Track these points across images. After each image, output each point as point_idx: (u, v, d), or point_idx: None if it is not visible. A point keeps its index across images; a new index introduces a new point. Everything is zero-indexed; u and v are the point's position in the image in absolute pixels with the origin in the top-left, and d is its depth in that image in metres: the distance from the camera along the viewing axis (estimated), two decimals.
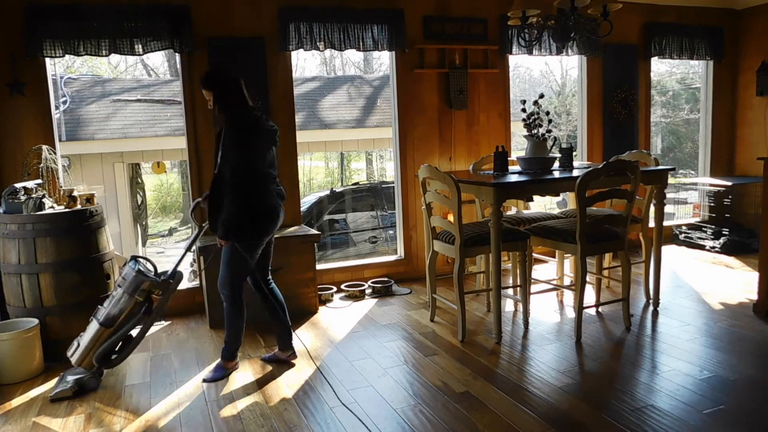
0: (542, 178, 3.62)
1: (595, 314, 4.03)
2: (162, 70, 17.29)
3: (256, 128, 3.03)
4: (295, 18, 4.44)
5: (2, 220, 3.49)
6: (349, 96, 10.08)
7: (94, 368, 3.15)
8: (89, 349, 3.11)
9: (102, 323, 3.09)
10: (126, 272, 3.10)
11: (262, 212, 3.07)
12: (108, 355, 3.14)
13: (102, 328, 3.09)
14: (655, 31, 5.74)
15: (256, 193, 3.04)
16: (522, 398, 2.84)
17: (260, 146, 3.03)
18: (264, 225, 3.10)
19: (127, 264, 3.14)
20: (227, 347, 3.27)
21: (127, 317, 3.12)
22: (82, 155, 8.18)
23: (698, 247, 5.86)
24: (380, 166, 18.43)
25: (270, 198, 3.10)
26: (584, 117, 5.72)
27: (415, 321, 4.05)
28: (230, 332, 3.24)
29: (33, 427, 2.77)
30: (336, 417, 2.73)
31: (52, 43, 3.87)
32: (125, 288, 3.08)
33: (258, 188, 3.05)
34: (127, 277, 3.09)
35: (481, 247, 3.58)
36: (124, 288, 3.08)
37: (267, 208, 3.08)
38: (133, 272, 3.08)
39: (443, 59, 4.99)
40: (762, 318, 3.82)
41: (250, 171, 2.98)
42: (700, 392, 2.83)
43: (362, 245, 8.80)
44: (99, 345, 3.10)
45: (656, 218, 4.03)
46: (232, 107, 3.06)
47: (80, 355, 3.13)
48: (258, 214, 3.05)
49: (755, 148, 6.12)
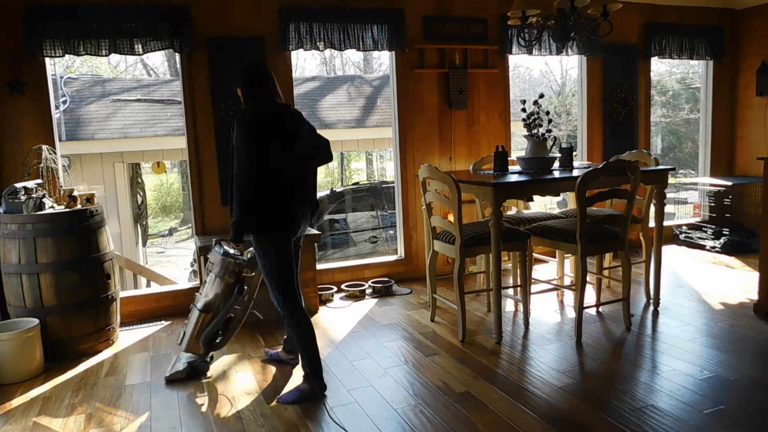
0: (542, 178, 3.61)
1: (595, 314, 4.03)
2: (162, 70, 17.30)
3: (268, 123, 2.78)
4: (295, 18, 4.44)
5: (2, 220, 3.49)
6: (349, 96, 10.08)
7: (203, 352, 3.26)
8: (194, 335, 3.24)
9: (201, 309, 3.22)
10: (213, 257, 3.20)
11: (271, 213, 2.80)
12: (213, 338, 3.27)
13: (202, 314, 3.22)
14: (655, 31, 5.74)
15: (264, 194, 2.76)
16: (522, 398, 2.84)
17: (271, 142, 2.76)
18: (277, 221, 2.84)
19: (213, 248, 3.23)
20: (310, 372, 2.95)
21: (222, 300, 3.22)
22: (82, 155, 8.18)
23: (698, 247, 5.86)
24: (380, 166, 18.44)
25: (282, 198, 2.81)
26: (584, 117, 5.72)
27: (415, 321, 4.05)
28: (302, 353, 2.95)
29: (33, 427, 2.77)
30: (336, 417, 2.73)
31: (52, 43, 3.87)
32: (215, 272, 3.19)
33: (267, 189, 2.76)
34: (214, 262, 3.19)
35: (481, 247, 3.58)
36: (215, 272, 3.19)
37: (277, 210, 2.81)
38: (219, 256, 3.17)
39: (443, 59, 4.99)
40: (762, 318, 3.82)
41: (256, 170, 2.72)
42: (700, 392, 2.83)
43: (362, 245, 8.80)
44: (202, 330, 3.22)
45: (656, 218, 4.03)
46: (251, 102, 2.88)
47: (187, 342, 3.26)
48: (266, 214, 2.80)
49: (755, 148, 6.12)
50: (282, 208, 2.84)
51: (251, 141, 2.72)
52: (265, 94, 2.87)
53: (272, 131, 2.79)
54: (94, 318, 3.64)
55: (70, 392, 3.13)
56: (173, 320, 4.27)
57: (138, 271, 7.71)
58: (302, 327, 2.91)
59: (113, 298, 3.78)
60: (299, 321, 2.91)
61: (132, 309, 4.29)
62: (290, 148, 2.85)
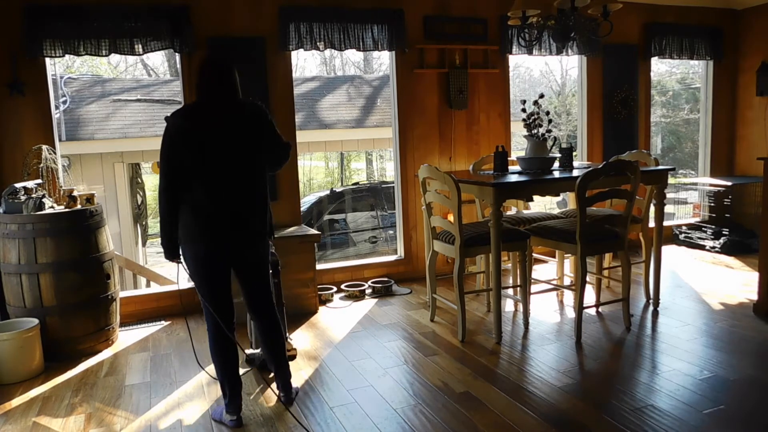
0: (542, 178, 3.62)
1: (595, 314, 4.03)
2: (162, 70, 17.29)
3: (178, 124, 2.52)
4: (295, 18, 4.44)
5: (2, 220, 3.49)
6: (348, 96, 10.08)
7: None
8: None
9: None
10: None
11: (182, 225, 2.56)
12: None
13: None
14: (655, 31, 5.74)
15: (173, 201, 2.53)
16: (522, 398, 2.84)
17: (179, 144, 2.50)
18: (186, 234, 2.57)
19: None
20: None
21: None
22: (82, 155, 8.18)
23: (698, 247, 5.86)
24: (380, 166, 18.43)
25: (192, 204, 2.53)
26: (584, 117, 5.72)
27: (415, 321, 4.05)
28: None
29: (33, 427, 2.77)
30: (336, 417, 2.73)
31: (52, 43, 3.87)
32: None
33: (173, 197, 2.52)
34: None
35: (481, 247, 3.58)
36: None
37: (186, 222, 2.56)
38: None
39: (443, 59, 4.99)
40: (762, 318, 3.82)
41: (164, 176, 2.52)
42: (700, 392, 2.83)
43: (362, 245, 8.80)
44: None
45: (656, 218, 4.03)
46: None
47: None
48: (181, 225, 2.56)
49: (755, 148, 6.12)
50: (192, 221, 2.55)
51: (164, 142, 2.52)
52: (202, 90, 2.59)
53: (176, 130, 2.51)
54: (93, 318, 3.64)
55: (70, 392, 3.13)
56: (173, 320, 4.27)
57: (138, 271, 7.72)
58: (211, 346, 2.69)
59: (113, 298, 3.78)
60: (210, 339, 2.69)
61: (132, 309, 4.29)
62: (211, 152, 2.52)
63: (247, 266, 2.73)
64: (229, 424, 2.68)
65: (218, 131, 2.54)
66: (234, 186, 2.58)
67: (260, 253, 2.74)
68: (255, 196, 2.64)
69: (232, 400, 2.68)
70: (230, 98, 2.61)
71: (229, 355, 2.68)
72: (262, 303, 2.79)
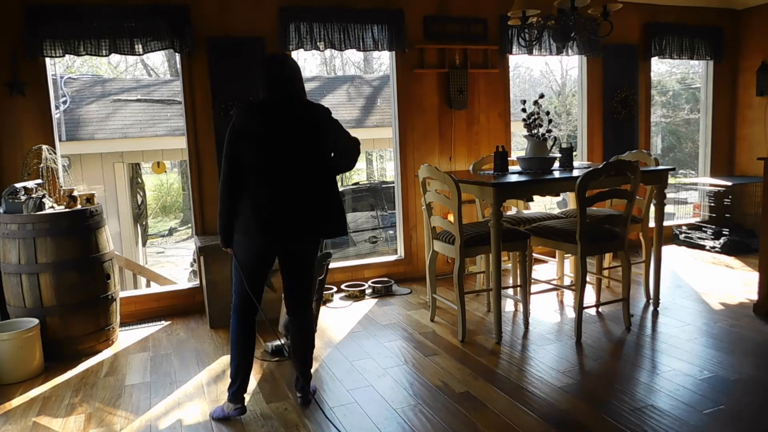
0: (542, 178, 3.61)
1: (595, 314, 4.03)
2: (162, 70, 17.31)
3: (245, 122, 2.54)
4: (295, 18, 4.44)
5: (2, 220, 3.49)
6: (348, 96, 10.09)
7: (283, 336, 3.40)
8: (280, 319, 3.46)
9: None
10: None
11: (240, 219, 2.61)
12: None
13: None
14: (655, 31, 5.74)
15: (232, 197, 2.59)
16: (522, 398, 2.84)
17: (245, 142, 2.53)
18: (244, 227, 2.61)
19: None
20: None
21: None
22: (82, 155, 8.19)
23: (698, 247, 5.86)
24: (380, 166, 18.44)
25: (252, 201, 2.56)
26: (584, 117, 5.72)
27: (415, 321, 4.05)
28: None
29: (33, 427, 2.77)
30: (336, 417, 2.73)
31: (52, 43, 3.87)
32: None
33: (233, 192, 2.58)
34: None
35: (481, 247, 3.58)
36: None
37: (245, 216, 2.59)
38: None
39: (443, 59, 4.98)
40: (762, 318, 3.82)
41: (226, 171, 2.57)
42: (700, 392, 2.83)
43: (362, 245, 8.80)
44: (283, 316, 3.31)
45: (656, 218, 4.03)
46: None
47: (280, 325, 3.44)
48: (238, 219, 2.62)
49: (755, 148, 6.12)
50: (251, 216, 2.58)
51: (228, 139, 2.56)
52: (266, 89, 2.61)
53: (246, 128, 2.54)
54: (94, 318, 3.64)
55: (70, 392, 3.13)
56: (173, 320, 4.26)
57: (138, 271, 7.72)
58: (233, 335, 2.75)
59: (113, 298, 3.78)
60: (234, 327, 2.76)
61: (132, 309, 4.29)
62: (276, 150, 2.55)
63: (296, 266, 2.77)
64: (233, 413, 2.74)
65: (283, 131, 2.56)
66: (296, 187, 2.59)
67: (311, 254, 2.78)
68: (317, 199, 2.65)
69: (241, 386, 2.75)
70: (297, 98, 2.64)
71: (249, 345, 2.75)
72: (300, 301, 2.81)
